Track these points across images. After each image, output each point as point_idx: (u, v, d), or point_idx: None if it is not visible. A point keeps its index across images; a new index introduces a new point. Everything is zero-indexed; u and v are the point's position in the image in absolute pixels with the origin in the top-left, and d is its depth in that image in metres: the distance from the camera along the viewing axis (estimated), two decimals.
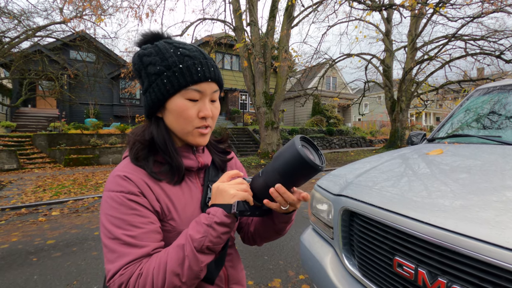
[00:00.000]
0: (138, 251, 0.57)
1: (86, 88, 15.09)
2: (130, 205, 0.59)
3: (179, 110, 0.63)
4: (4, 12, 10.18)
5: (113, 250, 0.57)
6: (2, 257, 3.01)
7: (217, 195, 0.61)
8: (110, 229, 0.58)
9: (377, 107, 33.01)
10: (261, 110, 10.68)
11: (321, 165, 0.56)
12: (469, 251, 0.74)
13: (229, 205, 0.58)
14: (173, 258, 0.55)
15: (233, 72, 19.99)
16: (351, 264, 1.23)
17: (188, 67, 0.62)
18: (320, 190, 1.61)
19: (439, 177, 1.23)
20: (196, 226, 0.58)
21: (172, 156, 0.66)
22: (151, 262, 0.56)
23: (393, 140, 14.90)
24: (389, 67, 15.00)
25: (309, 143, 0.61)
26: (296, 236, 3.43)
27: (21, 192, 6.22)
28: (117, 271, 0.55)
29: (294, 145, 0.55)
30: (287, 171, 0.56)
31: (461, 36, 12.33)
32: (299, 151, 0.53)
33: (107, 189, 0.61)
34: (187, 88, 0.62)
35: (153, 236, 0.60)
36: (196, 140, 0.68)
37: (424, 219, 0.88)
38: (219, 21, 10.94)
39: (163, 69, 0.62)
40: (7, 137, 11.13)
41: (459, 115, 2.25)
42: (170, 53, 0.63)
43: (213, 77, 0.65)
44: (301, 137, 0.59)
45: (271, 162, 0.60)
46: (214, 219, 0.57)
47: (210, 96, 0.66)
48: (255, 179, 0.63)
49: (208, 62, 0.65)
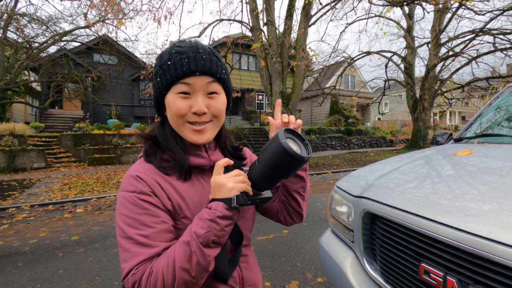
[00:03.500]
0: (149, 251, 0.58)
1: (109, 90, 15.65)
2: (142, 205, 0.60)
3: (169, 104, 0.65)
4: (34, 18, 10.75)
5: (127, 249, 0.58)
6: (31, 252, 3.17)
7: (216, 189, 0.60)
8: (124, 228, 0.59)
9: (398, 106, 31.97)
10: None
11: (306, 156, 0.57)
12: (505, 260, 0.68)
13: (229, 199, 0.58)
14: (181, 255, 0.56)
15: (250, 72, 20.05)
16: (373, 269, 1.18)
17: (174, 63, 0.63)
18: (339, 192, 1.56)
19: (466, 179, 1.16)
20: (199, 222, 0.58)
21: (175, 149, 0.67)
22: (160, 260, 0.57)
23: (415, 140, 14.37)
24: (411, 65, 14.48)
25: (295, 134, 0.62)
26: (313, 237, 3.38)
27: (49, 190, 6.53)
28: (130, 270, 0.57)
29: (278, 138, 0.56)
30: (274, 164, 0.57)
31: (490, 30, 11.67)
32: (283, 144, 0.54)
33: (121, 189, 0.63)
34: (176, 83, 0.64)
35: (164, 236, 0.61)
36: (191, 137, 0.67)
37: (453, 224, 0.83)
38: (236, 21, 10.99)
39: (158, 69, 0.66)
40: (36, 137, 11.75)
41: (489, 113, 2.12)
42: (166, 53, 0.66)
43: (201, 69, 0.63)
44: (285, 129, 0.60)
45: (261, 154, 0.61)
46: (216, 214, 0.57)
47: (204, 90, 0.65)
48: (252, 168, 0.63)
49: (197, 56, 0.64)
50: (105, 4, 9.10)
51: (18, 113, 18.42)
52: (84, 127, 13.23)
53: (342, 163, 10.74)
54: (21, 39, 10.93)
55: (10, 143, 9.76)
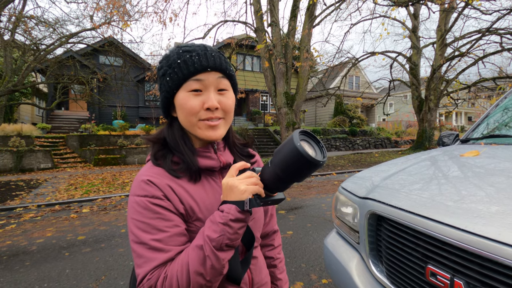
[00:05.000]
0: (163, 256, 0.58)
1: (114, 91, 15.78)
2: (154, 209, 0.60)
3: (182, 103, 0.65)
4: (41, 21, 10.90)
5: (141, 255, 0.58)
6: (38, 251, 3.21)
7: (228, 191, 0.60)
8: (137, 234, 0.59)
9: (403, 106, 31.73)
10: (282, 110, 10.62)
11: (322, 160, 0.55)
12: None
13: (241, 202, 0.57)
14: (194, 259, 0.56)
15: (254, 73, 20.08)
16: (379, 270, 1.18)
17: (185, 61, 0.63)
18: (344, 193, 1.56)
19: (473, 180, 1.15)
20: (212, 226, 0.58)
21: (184, 152, 0.66)
22: (174, 265, 0.57)
23: (421, 141, 14.24)
24: (416, 65, 14.36)
25: (310, 136, 0.59)
26: (318, 239, 3.37)
27: (55, 190, 6.61)
28: (145, 276, 0.57)
29: (292, 141, 0.54)
30: (288, 166, 0.56)
31: (496, 30, 11.52)
32: (297, 147, 0.52)
33: (132, 193, 0.63)
34: (187, 81, 0.64)
35: (178, 239, 0.60)
36: (205, 133, 0.66)
37: (460, 225, 0.82)
38: (240, 22, 11.02)
39: (166, 69, 0.66)
40: (43, 138, 11.89)
41: (497, 114, 2.10)
42: (173, 53, 0.66)
43: (212, 65, 0.64)
44: (301, 131, 0.58)
45: (274, 156, 0.60)
46: (229, 217, 0.57)
47: (215, 85, 0.65)
48: (265, 169, 0.62)
49: (207, 53, 0.65)
50: (111, 7, 9.19)
51: (26, 114, 18.69)
52: (90, 128, 13.37)
53: (346, 164, 10.68)
54: (29, 41, 11.09)
55: (17, 143, 9.89)
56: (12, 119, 14.97)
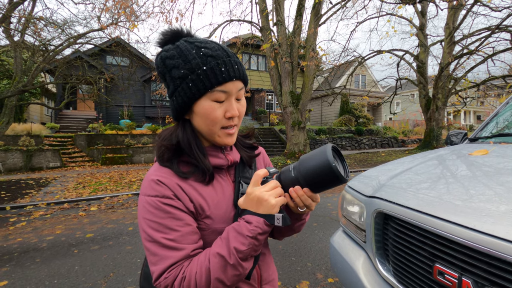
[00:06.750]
0: (178, 254, 0.59)
1: (121, 91, 15.95)
2: (165, 209, 0.60)
3: (206, 112, 0.63)
4: (50, 22, 11.05)
5: (155, 253, 0.59)
6: (48, 248, 3.27)
7: (256, 203, 0.59)
8: (149, 233, 0.60)
9: (410, 105, 31.35)
10: (287, 110, 10.60)
11: (346, 177, 0.58)
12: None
13: (271, 216, 0.59)
14: (217, 267, 0.57)
15: (259, 73, 20.06)
16: (385, 269, 1.18)
17: (212, 69, 0.60)
18: (351, 192, 1.55)
19: (482, 179, 1.14)
20: (238, 237, 0.58)
21: (198, 158, 0.66)
22: (192, 267, 0.58)
23: (428, 140, 14.07)
24: (424, 63, 14.18)
25: (337, 152, 0.62)
26: (324, 238, 3.36)
27: (64, 188, 6.72)
28: (161, 274, 0.58)
29: (326, 157, 0.56)
30: (314, 179, 0.58)
31: (506, 27, 11.29)
32: (332, 166, 0.55)
33: (143, 193, 0.63)
34: (213, 90, 0.61)
35: (190, 238, 0.61)
36: (224, 141, 0.67)
37: (469, 224, 0.81)
38: (245, 22, 11.03)
39: (187, 73, 0.61)
40: (51, 137, 12.09)
41: (506, 112, 2.07)
42: (192, 54, 0.61)
43: (237, 75, 0.63)
44: (333, 147, 0.60)
45: (300, 165, 0.61)
46: (258, 231, 0.58)
47: (235, 95, 0.65)
48: (285, 173, 0.63)
49: (231, 60, 0.63)
50: (118, 7, 9.29)
51: (35, 114, 19.01)
52: (97, 128, 13.54)
53: (352, 163, 10.62)
54: (38, 42, 11.26)
55: (27, 143, 10.08)
56: (22, 119, 15.23)
